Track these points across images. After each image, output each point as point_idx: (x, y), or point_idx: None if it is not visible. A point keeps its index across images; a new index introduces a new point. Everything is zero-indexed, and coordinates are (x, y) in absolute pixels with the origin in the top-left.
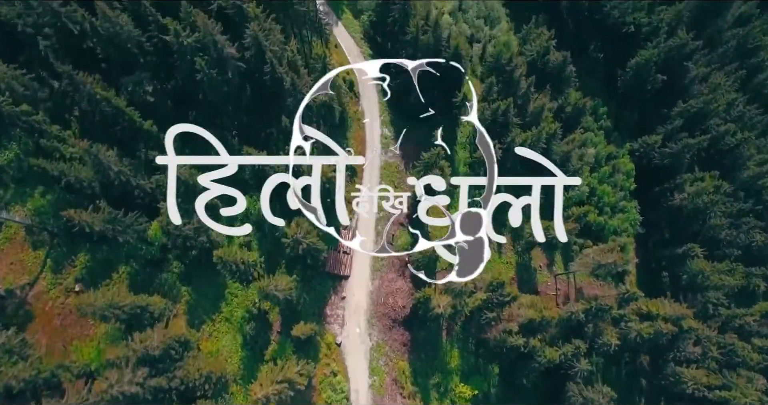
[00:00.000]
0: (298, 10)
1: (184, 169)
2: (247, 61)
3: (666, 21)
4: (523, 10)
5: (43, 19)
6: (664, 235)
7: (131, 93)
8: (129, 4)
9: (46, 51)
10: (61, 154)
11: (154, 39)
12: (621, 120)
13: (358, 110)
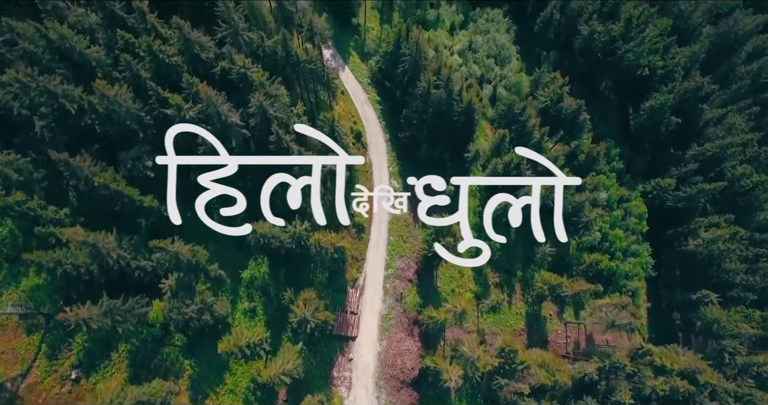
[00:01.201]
0: (305, 67)
1: (187, 250)
2: (252, 129)
3: (681, 65)
4: (533, 46)
5: (40, 100)
6: (677, 277)
7: (130, 169)
8: (129, 75)
9: (42, 131)
10: (57, 239)
11: (155, 111)
12: (633, 161)
13: (366, 161)
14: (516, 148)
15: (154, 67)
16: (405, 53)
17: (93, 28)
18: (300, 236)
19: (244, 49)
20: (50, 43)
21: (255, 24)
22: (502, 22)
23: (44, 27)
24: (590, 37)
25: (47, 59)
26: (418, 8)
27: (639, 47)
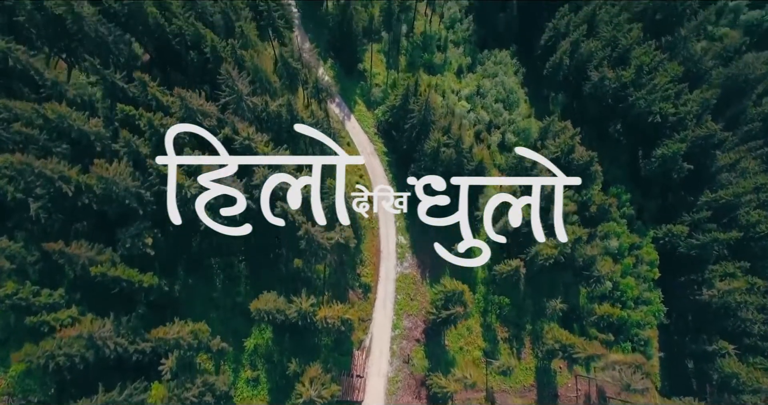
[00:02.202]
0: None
1: (187, 332)
2: (256, 200)
3: (693, 112)
4: (541, 87)
5: (35, 183)
6: (690, 324)
7: (129, 248)
8: (128, 151)
9: (38, 213)
10: (51, 327)
11: (155, 187)
12: (644, 206)
13: (373, 218)
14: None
15: (154, 140)
16: (413, 109)
17: (92, 100)
18: (306, 313)
19: (247, 115)
20: (48, 122)
21: (259, 84)
22: (510, 64)
23: (42, 107)
24: (600, 83)
25: (44, 139)
26: (425, 52)
27: (650, 95)
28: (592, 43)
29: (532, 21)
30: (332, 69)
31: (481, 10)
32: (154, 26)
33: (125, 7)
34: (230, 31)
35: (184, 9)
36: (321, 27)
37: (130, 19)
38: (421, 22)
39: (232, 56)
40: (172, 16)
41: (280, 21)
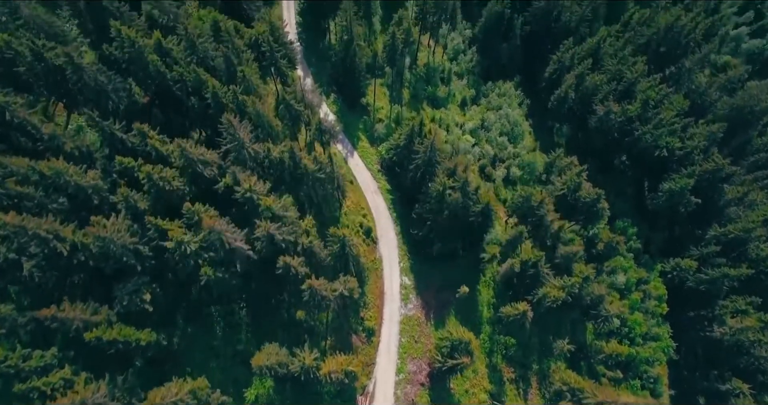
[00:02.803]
0: (314, 176)
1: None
2: (258, 251)
3: (700, 147)
4: (546, 118)
5: (30, 243)
6: (700, 360)
7: (127, 306)
8: (126, 207)
9: (32, 272)
10: (41, 393)
11: (154, 241)
12: (651, 239)
13: (376, 258)
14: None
15: (153, 193)
16: (418, 150)
17: (91, 151)
18: (309, 368)
19: (249, 163)
20: (44, 179)
21: (261, 129)
22: (514, 95)
23: (37, 164)
24: (606, 117)
25: (40, 196)
26: (429, 84)
27: (657, 130)
28: (597, 77)
29: (535, 51)
30: (335, 104)
31: (485, 41)
32: (154, 73)
33: (126, 54)
34: (232, 75)
35: (185, 53)
36: (323, 60)
37: (130, 65)
38: (425, 53)
39: (234, 102)
40: (173, 62)
41: (282, 60)
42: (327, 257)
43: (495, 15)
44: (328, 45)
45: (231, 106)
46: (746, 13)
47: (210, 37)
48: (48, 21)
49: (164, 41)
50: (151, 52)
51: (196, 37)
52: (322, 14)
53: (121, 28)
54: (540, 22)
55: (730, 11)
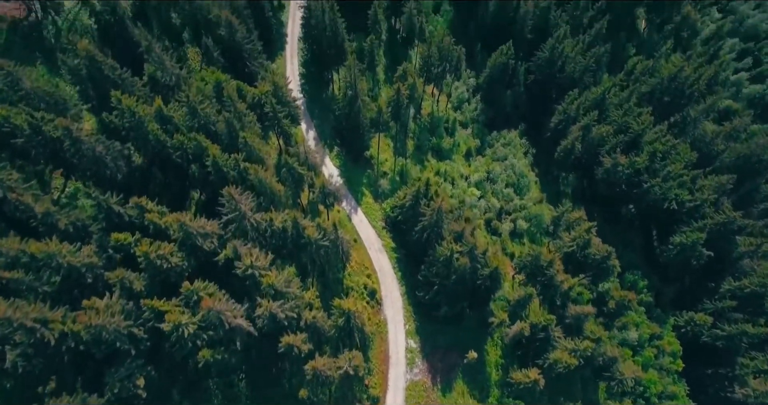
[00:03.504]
0: (318, 244)
1: None
2: (260, 329)
3: (710, 200)
4: (551, 166)
5: (14, 334)
6: None
7: (119, 393)
8: (121, 289)
9: (16, 362)
10: None
11: (150, 323)
12: (662, 290)
13: (381, 320)
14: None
15: (150, 271)
16: (424, 213)
17: (86, 225)
18: None
19: (251, 234)
20: (34, 261)
21: (263, 197)
22: (519, 145)
23: (28, 246)
24: (613, 169)
25: (29, 280)
26: (433, 135)
27: (666, 183)
28: (603, 128)
29: (540, 99)
30: (338, 158)
31: (489, 90)
32: (154, 141)
33: (126, 123)
34: (234, 140)
35: (186, 120)
36: (326, 111)
37: (130, 132)
38: (429, 102)
39: (235, 169)
40: (174, 129)
41: (285, 120)
42: (331, 329)
43: (499, 66)
44: (331, 96)
45: (232, 174)
46: (745, 59)
47: (212, 99)
48: (49, 91)
49: (165, 109)
50: (152, 121)
51: (198, 104)
52: (326, 65)
53: (121, 97)
54: (544, 72)
55: (729, 57)
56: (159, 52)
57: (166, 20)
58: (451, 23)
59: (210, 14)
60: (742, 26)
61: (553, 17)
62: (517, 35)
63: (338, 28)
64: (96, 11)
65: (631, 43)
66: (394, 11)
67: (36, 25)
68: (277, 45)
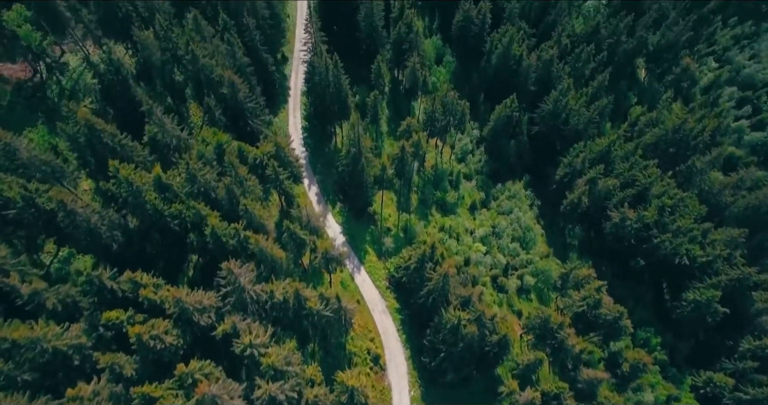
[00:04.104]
0: (321, 315)
1: None
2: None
3: (723, 255)
4: (557, 218)
5: None
6: None
7: None
8: (110, 373)
9: None
10: None
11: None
12: (676, 348)
13: (385, 386)
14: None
15: (143, 352)
16: (430, 278)
17: (76, 301)
18: None
19: (250, 307)
20: (17, 348)
21: (264, 267)
22: (524, 197)
23: (10, 332)
24: (622, 223)
25: (9, 369)
26: (437, 189)
27: (676, 239)
28: (609, 181)
29: (544, 149)
30: (340, 214)
31: (492, 141)
32: (152, 211)
33: (123, 192)
34: (234, 206)
35: (186, 187)
36: (329, 166)
37: (128, 199)
38: (432, 153)
39: (235, 238)
40: (172, 196)
41: (287, 181)
42: (332, 403)
43: (503, 119)
44: (334, 149)
45: (232, 243)
46: (744, 107)
47: (213, 161)
48: (45, 159)
49: (164, 176)
50: (150, 190)
51: (198, 171)
52: (329, 119)
53: (119, 167)
54: (548, 124)
55: (729, 105)
56: (160, 115)
57: (170, 78)
58: (454, 74)
59: (213, 74)
60: (739, 75)
61: (556, 70)
62: (521, 87)
63: (342, 85)
64: (99, 73)
65: (632, 92)
66: (397, 63)
67: (40, 85)
68: (279, 98)
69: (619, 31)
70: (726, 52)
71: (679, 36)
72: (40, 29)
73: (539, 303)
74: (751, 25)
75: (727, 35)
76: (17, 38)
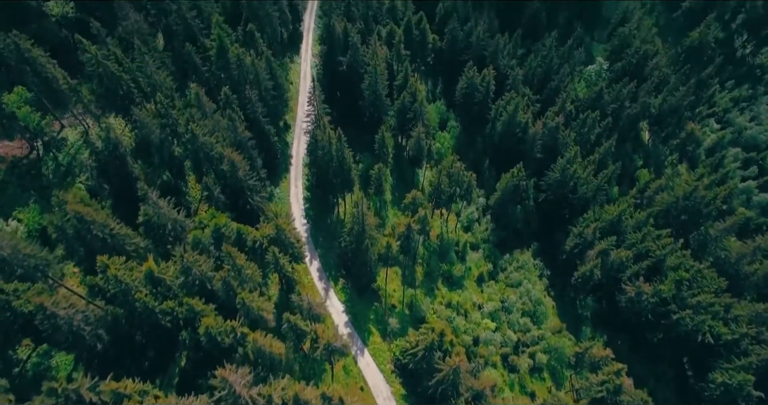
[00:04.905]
0: None
1: None
2: None
3: (750, 334)
4: (568, 289)
5: None
6: None
7: None
8: None
9: None
10: None
11: None
12: None
13: None
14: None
15: None
16: (439, 368)
17: None
18: None
19: None
20: None
21: (262, 366)
22: (533, 268)
23: None
24: (638, 298)
25: None
26: (443, 261)
27: (697, 315)
28: (622, 253)
29: (551, 216)
30: (343, 292)
31: (499, 208)
32: (142, 309)
33: (111, 288)
34: (231, 298)
35: (179, 281)
36: (331, 238)
37: (117, 294)
38: (437, 221)
39: (231, 336)
40: (165, 290)
41: (288, 265)
42: None
43: (510, 188)
44: (337, 220)
45: (228, 340)
46: (750, 168)
47: (211, 246)
48: (29, 254)
49: (157, 270)
50: (140, 288)
51: (193, 263)
52: (331, 190)
53: (108, 263)
54: (556, 192)
55: (734, 166)
56: (155, 199)
57: (168, 154)
58: (458, 139)
59: (213, 151)
60: (741, 137)
61: (562, 137)
62: (527, 154)
63: (345, 158)
64: (96, 151)
65: (637, 154)
66: (401, 130)
67: (36, 161)
68: (281, 167)
69: (622, 96)
70: (726, 113)
71: (681, 101)
72: (41, 108)
73: (553, 382)
74: (748, 89)
75: (726, 98)
76: (16, 118)
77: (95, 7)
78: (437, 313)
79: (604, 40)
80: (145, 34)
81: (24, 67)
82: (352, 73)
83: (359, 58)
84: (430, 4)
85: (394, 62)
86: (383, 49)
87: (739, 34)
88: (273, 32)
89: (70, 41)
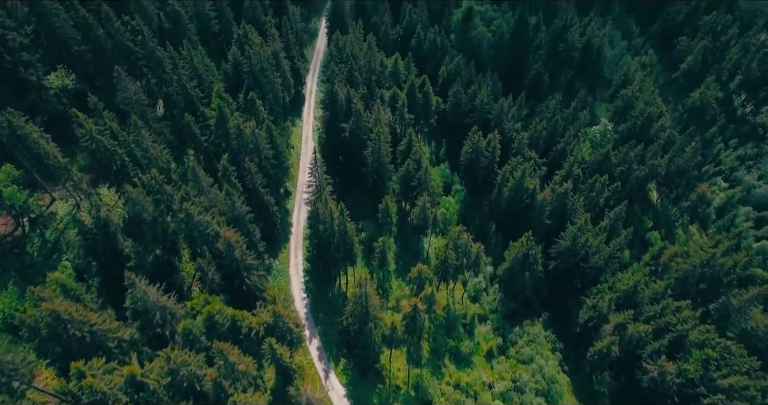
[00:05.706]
0: None
1: None
2: None
3: None
4: (583, 363)
5: None
6: None
7: None
8: None
9: None
10: None
11: None
12: None
13: None
14: None
15: None
16: None
17: None
18: None
19: None
20: None
21: None
22: (545, 341)
23: None
24: (662, 377)
25: None
26: (450, 336)
27: (731, 401)
28: (641, 327)
29: (562, 284)
30: (345, 374)
31: (507, 278)
32: None
33: (87, 397)
34: (222, 400)
35: (164, 377)
36: (332, 313)
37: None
38: (443, 292)
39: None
40: (149, 396)
41: (286, 353)
42: None
43: (519, 258)
44: (338, 294)
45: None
46: (763, 228)
47: (203, 336)
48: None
49: (139, 373)
50: (119, 396)
51: (181, 364)
52: (333, 263)
53: (83, 370)
54: (567, 261)
55: (747, 225)
56: (144, 287)
57: (161, 230)
58: (463, 204)
59: (208, 229)
60: (750, 195)
61: (571, 202)
62: (535, 220)
63: (347, 233)
64: (84, 230)
65: (646, 215)
66: (405, 197)
67: (20, 239)
68: (281, 237)
69: (629, 159)
70: (733, 172)
71: (690, 161)
72: (31, 184)
73: None
74: (753, 147)
75: (731, 156)
76: (2, 196)
77: (95, 75)
78: (445, 396)
79: (607, 100)
80: (144, 105)
81: (16, 143)
82: (354, 139)
83: (362, 124)
84: (432, 67)
85: (398, 126)
86: (386, 112)
87: (737, 94)
88: (275, 98)
89: (68, 112)
